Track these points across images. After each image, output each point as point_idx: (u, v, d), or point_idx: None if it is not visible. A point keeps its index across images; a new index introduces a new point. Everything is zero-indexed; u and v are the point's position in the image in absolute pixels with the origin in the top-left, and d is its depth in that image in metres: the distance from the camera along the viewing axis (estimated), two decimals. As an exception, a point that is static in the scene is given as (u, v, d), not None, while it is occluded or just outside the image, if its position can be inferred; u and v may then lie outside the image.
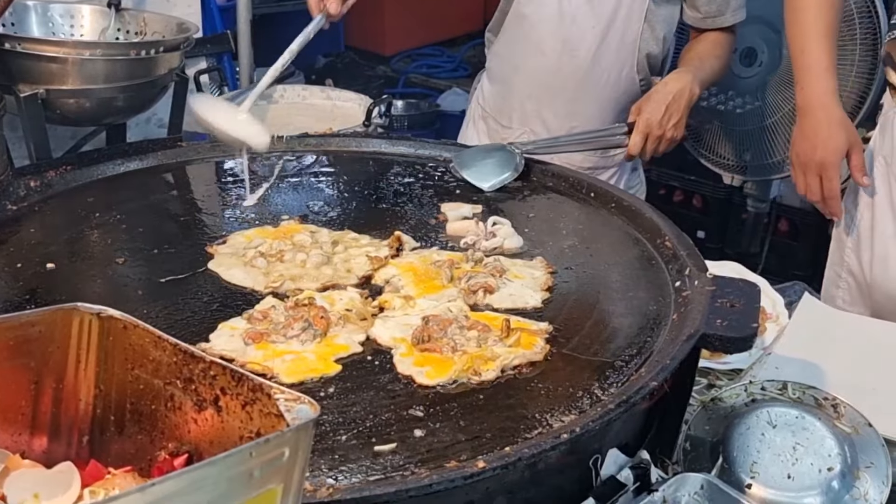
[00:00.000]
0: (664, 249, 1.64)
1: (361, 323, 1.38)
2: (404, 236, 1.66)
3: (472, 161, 2.00)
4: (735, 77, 2.75)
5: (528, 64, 2.43)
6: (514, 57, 2.47)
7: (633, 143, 2.17)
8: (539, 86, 2.43)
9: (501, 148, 2.03)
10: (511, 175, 1.96)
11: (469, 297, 1.46)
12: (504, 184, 1.95)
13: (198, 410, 0.89)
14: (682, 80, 2.23)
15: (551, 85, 2.41)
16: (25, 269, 1.52)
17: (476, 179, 1.95)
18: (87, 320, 0.93)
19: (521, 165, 1.98)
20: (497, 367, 1.27)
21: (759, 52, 2.70)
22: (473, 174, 1.96)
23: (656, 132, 2.17)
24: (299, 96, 2.65)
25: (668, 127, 2.18)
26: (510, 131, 2.50)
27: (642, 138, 2.17)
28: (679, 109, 2.19)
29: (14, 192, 1.76)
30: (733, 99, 2.76)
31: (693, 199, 5.14)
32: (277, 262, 1.55)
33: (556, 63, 2.38)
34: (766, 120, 2.71)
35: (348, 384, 1.24)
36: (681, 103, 2.19)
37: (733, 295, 1.42)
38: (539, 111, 2.46)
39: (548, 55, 2.39)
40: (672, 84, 2.22)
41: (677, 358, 1.28)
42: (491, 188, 1.93)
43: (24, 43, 1.80)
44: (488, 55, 2.60)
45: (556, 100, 2.43)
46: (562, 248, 1.67)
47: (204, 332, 1.35)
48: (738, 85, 2.76)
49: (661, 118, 2.16)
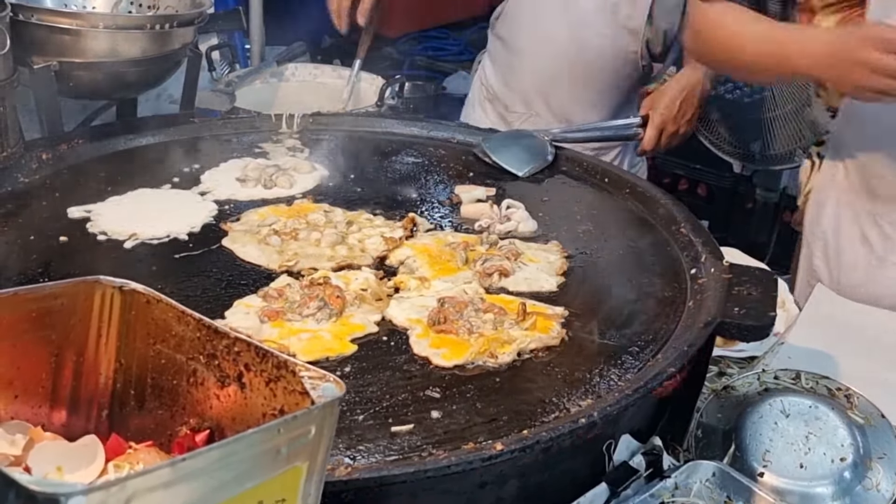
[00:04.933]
0: (679, 236, 1.64)
1: (377, 303, 1.37)
2: (418, 218, 1.65)
3: (502, 146, 1.98)
4: (749, 65, 2.73)
5: (532, 49, 2.43)
6: (518, 41, 2.47)
7: (648, 138, 2.21)
8: (543, 70, 2.44)
9: (530, 135, 2.03)
10: (544, 162, 1.95)
11: (484, 279, 1.46)
12: (538, 170, 1.94)
13: (220, 386, 0.89)
14: (694, 76, 2.26)
15: (555, 70, 2.42)
16: (39, 242, 1.51)
17: (510, 165, 1.93)
18: (110, 294, 0.92)
19: (552, 153, 1.97)
20: (513, 350, 1.26)
21: (773, 40, 2.68)
22: (506, 159, 1.94)
23: (671, 128, 2.22)
24: (311, 75, 2.64)
25: (682, 122, 2.24)
26: (515, 115, 2.51)
27: (657, 134, 2.22)
28: (692, 105, 2.24)
29: (26, 164, 1.75)
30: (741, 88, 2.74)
31: (698, 188, 5.13)
32: (292, 241, 1.55)
33: (561, 48, 2.38)
34: (774, 111, 2.70)
35: (364, 364, 1.24)
36: (693, 99, 2.24)
37: (750, 283, 1.41)
38: (543, 95, 2.46)
39: (553, 40, 2.39)
40: (685, 80, 2.25)
41: (695, 345, 1.27)
42: (526, 174, 1.92)
43: (38, 14, 1.78)
44: (491, 37, 2.60)
45: (559, 84, 2.43)
46: (576, 233, 1.67)
47: (219, 308, 1.34)
48: (750, 73, 2.74)
49: (675, 114, 2.21)
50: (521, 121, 2.49)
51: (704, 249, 1.55)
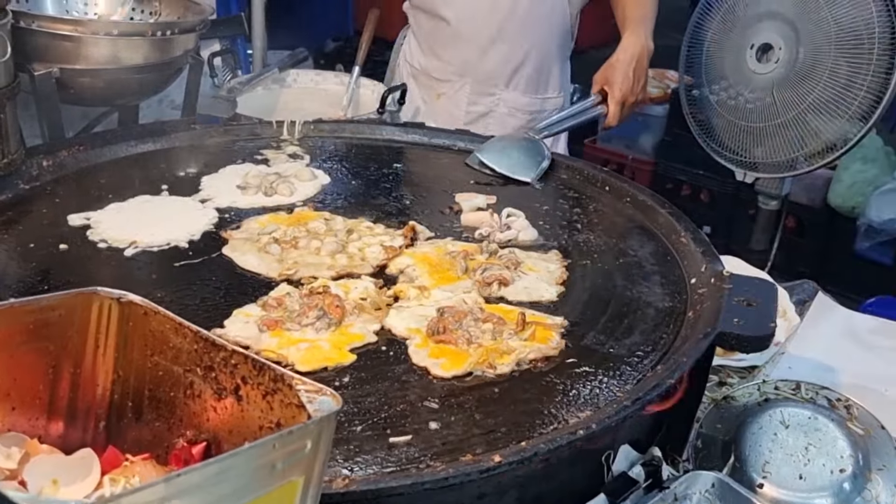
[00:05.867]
0: (680, 245, 1.64)
1: (376, 312, 1.37)
2: (419, 226, 1.65)
3: (500, 155, 1.98)
4: (749, 72, 2.73)
5: (461, 14, 2.45)
6: (443, 9, 2.47)
7: (612, 114, 2.25)
8: (474, 33, 2.46)
9: (520, 137, 2.04)
10: (547, 163, 1.96)
11: (484, 289, 1.46)
12: (543, 172, 1.94)
13: (217, 399, 0.89)
14: (638, 43, 2.31)
15: (487, 30, 2.45)
16: (38, 250, 1.51)
17: (516, 172, 1.93)
18: (107, 305, 0.92)
19: (548, 152, 1.99)
20: (512, 360, 1.26)
21: (776, 48, 2.68)
22: (510, 167, 1.94)
23: (630, 100, 2.27)
24: (312, 81, 2.64)
25: (638, 91, 2.29)
26: (448, 84, 2.54)
27: (619, 108, 2.25)
28: (643, 71, 2.30)
29: (27, 171, 1.75)
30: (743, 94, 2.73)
31: (700, 194, 5.13)
32: (291, 249, 1.54)
33: (494, 3, 2.41)
34: (778, 117, 2.69)
35: (363, 374, 1.23)
36: (643, 65, 2.30)
37: (750, 293, 1.41)
38: (477, 59, 2.48)
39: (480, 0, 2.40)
40: (631, 49, 2.29)
41: (693, 356, 1.27)
42: (535, 179, 1.92)
43: (39, 20, 1.78)
44: (411, 12, 2.61)
45: (494, 42, 2.46)
46: (576, 242, 1.67)
47: (218, 318, 1.34)
48: (751, 81, 2.73)
49: (632, 86, 2.26)
50: (454, 90, 2.53)
51: (704, 259, 1.54)
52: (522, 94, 2.54)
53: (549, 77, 2.56)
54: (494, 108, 2.55)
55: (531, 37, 2.47)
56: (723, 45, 2.83)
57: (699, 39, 2.93)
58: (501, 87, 2.54)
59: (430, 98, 2.55)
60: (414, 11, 2.58)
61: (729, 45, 2.80)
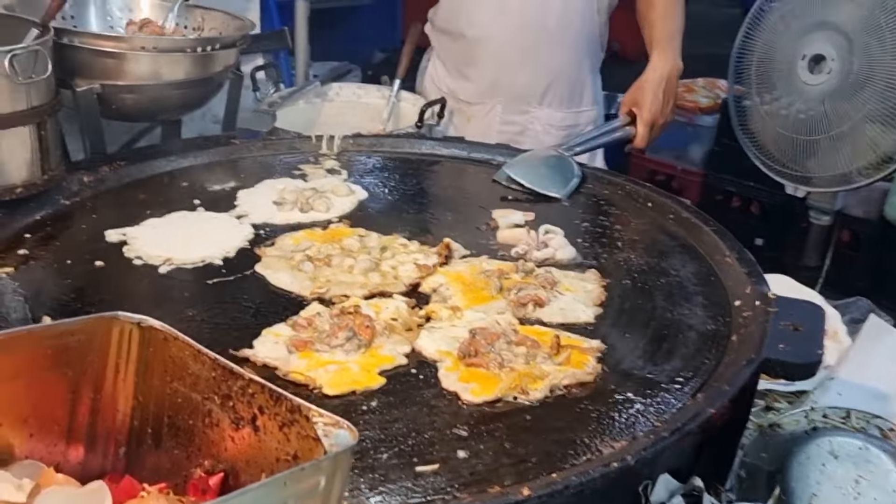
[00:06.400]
0: (724, 265, 1.58)
1: (407, 334, 1.35)
2: (453, 243, 1.62)
3: (529, 170, 1.95)
4: (801, 83, 2.65)
5: (488, 32, 2.40)
6: (469, 29, 2.43)
7: (640, 136, 2.21)
8: (503, 51, 2.41)
9: (548, 153, 2.01)
10: (578, 179, 1.93)
11: (518, 309, 1.42)
12: (575, 189, 1.91)
13: (235, 428, 0.87)
14: (667, 63, 2.26)
15: (517, 46, 2.39)
16: (74, 267, 1.52)
17: (547, 188, 1.90)
18: (128, 329, 0.91)
19: (578, 169, 1.96)
20: (546, 386, 1.22)
21: (829, 59, 2.60)
22: (541, 183, 1.91)
23: (660, 121, 2.23)
24: (354, 94, 2.63)
25: (667, 113, 2.25)
26: (478, 107, 2.49)
27: (648, 130, 2.21)
28: (672, 92, 2.25)
29: (67, 186, 1.76)
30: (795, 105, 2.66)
31: (751, 206, 5.01)
32: (324, 267, 1.53)
33: (520, 21, 2.36)
34: (832, 129, 2.61)
35: (391, 398, 1.21)
36: (673, 85, 2.25)
37: (797, 317, 1.35)
38: (508, 78, 2.44)
39: (508, 16, 2.36)
40: (660, 69, 2.25)
41: (736, 384, 1.22)
42: (566, 195, 1.89)
43: (81, 37, 1.80)
44: (433, 34, 2.57)
45: (526, 59, 2.42)
46: (616, 261, 1.62)
47: (247, 337, 1.32)
48: (804, 92, 2.65)
49: (661, 107, 2.22)
50: (484, 112, 2.48)
51: (750, 280, 1.49)
52: (556, 109, 2.50)
53: (583, 90, 2.51)
54: (529, 126, 2.51)
55: (563, 52, 2.42)
56: (773, 55, 2.76)
57: (749, 49, 2.86)
58: (535, 105, 2.49)
59: (461, 122, 2.50)
60: (437, 34, 2.53)
61: (780, 56, 2.73)
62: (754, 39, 2.82)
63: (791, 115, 2.68)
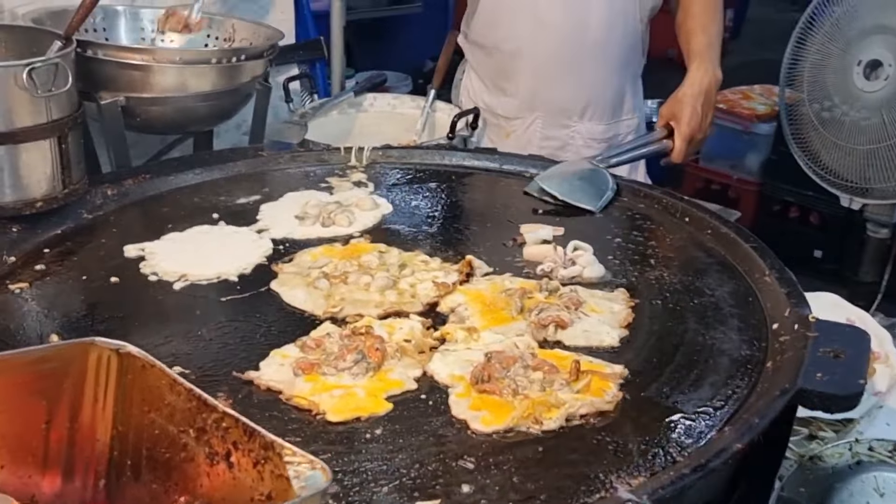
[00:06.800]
0: (763, 285, 1.49)
1: (419, 356, 1.29)
2: (476, 261, 1.56)
3: (563, 182, 1.88)
4: (857, 90, 2.53)
5: (527, 45, 2.32)
6: (507, 43, 2.35)
7: (677, 151, 2.12)
8: (543, 65, 2.33)
9: (582, 164, 1.94)
10: (612, 192, 1.86)
11: (539, 331, 1.35)
12: (608, 202, 1.84)
13: (210, 464, 0.82)
14: (706, 76, 2.17)
15: (557, 59, 2.32)
16: (90, 282, 1.49)
17: (580, 201, 1.83)
18: (106, 356, 0.87)
19: (613, 181, 1.88)
20: (561, 416, 1.15)
21: (886, 64, 2.47)
22: (574, 195, 1.84)
23: (698, 136, 2.15)
24: (389, 105, 2.59)
25: (706, 127, 2.16)
26: (517, 122, 2.41)
27: (686, 145, 2.12)
28: (711, 105, 2.17)
29: (91, 200, 1.75)
30: (850, 113, 2.53)
31: (810, 217, 4.83)
32: (341, 284, 1.48)
33: (559, 34, 2.28)
34: (890, 139, 2.48)
35: (397, 426, 1.15)
36: (711, 98, 2.16)
37: (839, 343, 1.26)
38: (548, 91, 2.36)
39: (547, 29, 2.28)
40: (698, 82, 2.16)
41: (768, 416, 1.13)
42: (600, 208, 1.82)
43: (105, 49, 1.79)
44: (469, 48, 2.48)
45: (567, 73, 2.34)
46: (647, 280, 1.54)
47: (255, 357, 1.28)
48: (860, 99, 2.53)
49: (700, 122, 2.13)
50: (524, 127, 2.40)
51: (790, 302, 1.40)
52: (598, 123, 2.41)
53: (624, 100, 2.43)
54: (569, 141, 2.43)
55: (604, 64, 2.33)
56: (827, 61, 2.64)
57: (802, 55, 2.75)
58: (576, 119, 2.40)
59: (499, 137, 2.42)
60: (471, 46, 2.44)
61: (834, 62, 2.61)
62: (807, 45, 2.70)
63: (846, 124, 2.56)
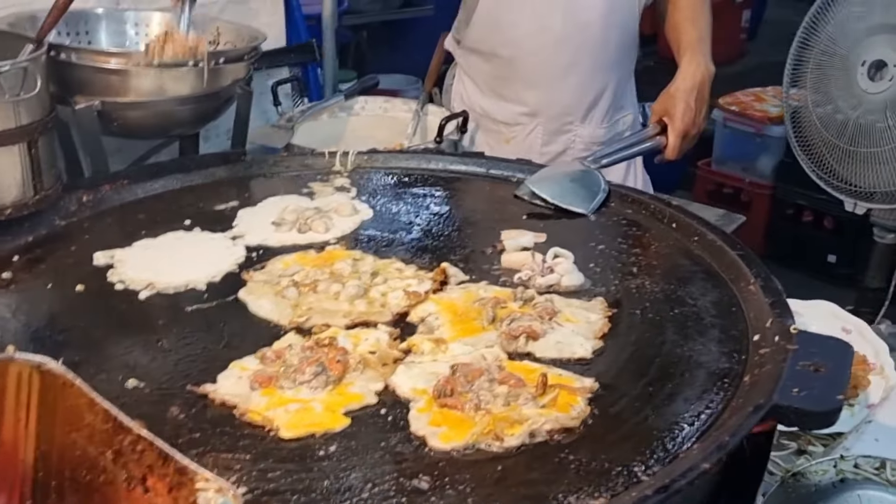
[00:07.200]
0: (748, 294, 1.43)
1: (382, 369, 1.24)
2: (451, 268, 1.51)
3: (552, 183, 1.83)
4: (861, 92, 2.46)
5: (525, 50, 2.27)
6: (504, 49, 2.30)
7: (671, 147, 2.07)
8: (543, 69, 2.29)
9: (572, 165, 1.89)
10: (605, 193, 1.81)
11: (509, 342, 1.30)
12: (601, 204, 1.80)
13: (128, 487, 0.78)
14: (699, 70, 2.12)
15: (557, 61, 2.27)
16: (55, 291, 1.46)
17: (572, 204, 1.78)
18: (27, 373, 0.83)
19: (605, 182, 1.84)
20: (523, 432, 1.10)
21: (891, 65, 2.40)
22: (565, 198, 1.79)
23: (692, 132, 2.09)
24: (381, 108, 2.55)
25: (699, 122, 2.11)
26: (518, 128, 2.37)
27: (680, 141, 2.07)
28: (704, 100, 2.12)
29: (65, 206, 1.72)
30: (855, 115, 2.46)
31: (824, 221, 4.74)
32: (310, 293, 1.44)
33: (557, 37, 2.24)
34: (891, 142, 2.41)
35: (353, 443, 1.10)
36: (704, 93, 2.11)
37: (819, 356, 1.20)
38: (549, 95, 2.32)
39: (549, 31, 2.24)
40: (691, 77, 2.11)
41: (738, 434, 1.08)
42: (592, 210, 1.78)
43: (79, 53, 1.75)
44: (462, 54, 2.42)
45: (566, 77, 2.29)
46: (628, 288, 1.49)
47: (214, 370, 1.24)
48: (864, 101, 2.46)
49: (693, 117, 2.07)
50: (525, 133, 2.36)
51: (773, 312, 1.34)
52: (598, 124, 2.36)
53: (623, 99, 2.38)
54: (571, 145, 2.38)
55: (605, 63, 2.29)
56: (831, 61, 2.57)
57: (805, 57, 2.68)
58: (577, 123, 2.36)
59: (498, 143, 2.38)
60: (466, 53, 2.39)
61: (837, 62, 2.54)
62: (810, 46, 2.64)
63: (850, 126, 2.49)
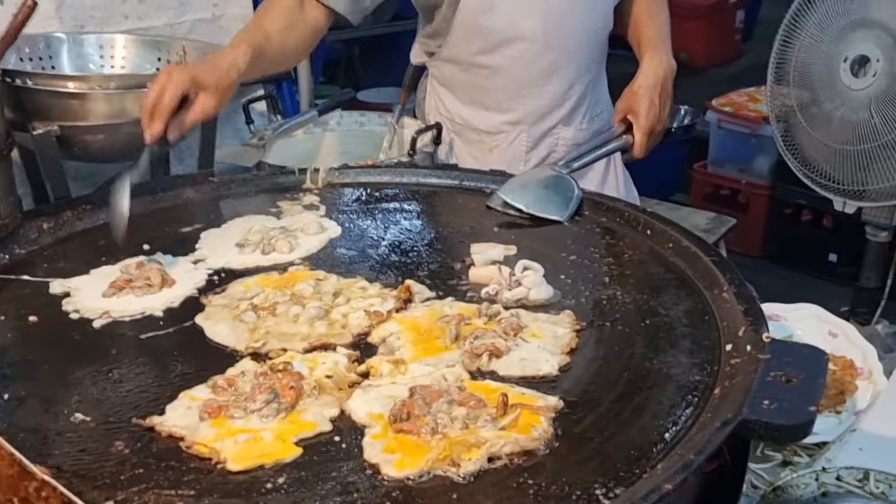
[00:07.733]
0: (721, 302, 1.39)
1: (338, 394, 1.19)
2: (416, 286, 1.47)
3: (525, 192, 1.79)
4: (843, 88, 2.41)
5: (505, 58, 2.21)
6: (482, 58, 2.23)
7: (638, 145, 2.03)
8: (525, 73, 2.23)
9: (546, 171, 1.86)
10: (578, 198, 1.77)
11: (472, 361, 1.25)
12: (576, 209, 1.76)
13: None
14: (661, 66, 2.09)
15: (541, 66, 2.22)
16: (7, 322, 1.42)
17: (548, 211, 1.74)
18: (-65, 416, 0.79)
19: (578, 187, 1.80)
20: (481, 456, 1.05)
21: (874, 60, 2.35)
22: (540, 206, 1.75)
23: (658, 129, 2.06)
24: (357, 123, 2.51)
25: (664, 118, 2.08)
26: (501, 136, 2.31)
27: (646, 139, 2.04)
28: (668, 96, 2.08)
29: (24, 234, 1.68)
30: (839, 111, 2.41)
31: (823, 220, 4.68)
32: (269, 316, 1.39)
33: (543, 39, 2.19)
34: (881, 137, 2.35)
35: (303, 473, 1.05)
36: (668, 88, 2.08)
37: (792, 366, 1.15)
38: (533, 102, 2.27)
39: (529, 39, 2.19)
40: (653, 73, 2.07)
41: (706, 451, 1.03)
42: (568, 217, 1.74)
43: (35, 78, 1.72)
44: (436, 65, 2.34)
45: (549, 80, 2.25)
46: (598, 300, 1.44)
47: (164, 401, 1.20)
48: (848, 97, 2.41)
49: (658, 113, 2.04)
50: (508, 141, 2.30)
51: (746, 320, 1.29)
52: (579, 125, 2.32)
53: (599, 96, 2.34)
54: (554, 148, 2.33)
55: (585, 64, 2.25)
56: (813, 58, 2.53)
57: (788, 54, 2.64)
58: (561, 126, 2.31)
59: (481, 153, 2.32)
60: (441, 64, 2.31)
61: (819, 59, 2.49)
62: (793, 43, 2.59)
63: (834, 123, 2.44)
